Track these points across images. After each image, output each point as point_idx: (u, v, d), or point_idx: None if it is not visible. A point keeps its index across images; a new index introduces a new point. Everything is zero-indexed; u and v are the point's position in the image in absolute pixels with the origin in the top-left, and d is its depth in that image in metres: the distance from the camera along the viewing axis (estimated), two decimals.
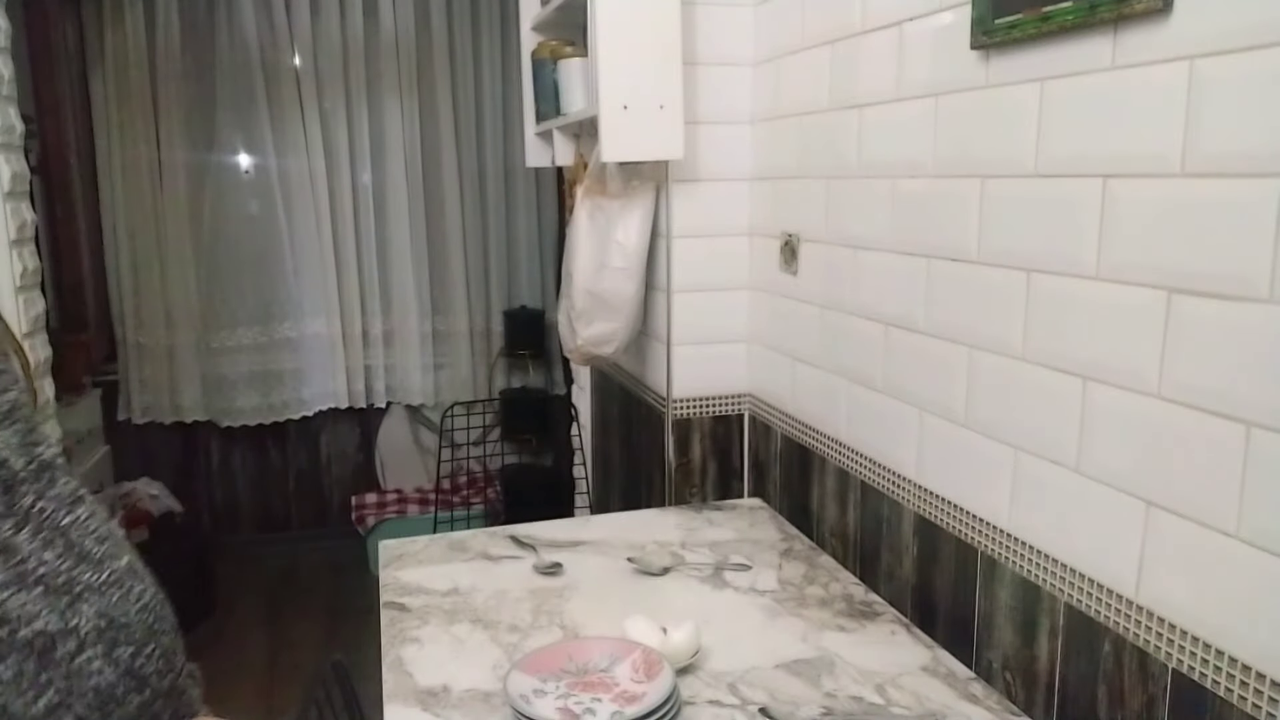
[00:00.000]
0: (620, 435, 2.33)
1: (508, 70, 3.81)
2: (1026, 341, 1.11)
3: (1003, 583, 1.18)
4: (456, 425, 3.52)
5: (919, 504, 1.36)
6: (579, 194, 1.88)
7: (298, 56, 3.63)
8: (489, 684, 1.17)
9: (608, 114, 1.65)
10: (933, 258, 1.29)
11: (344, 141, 3.71)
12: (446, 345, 3.97)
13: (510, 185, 3.95)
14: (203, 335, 3.72)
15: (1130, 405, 0.96)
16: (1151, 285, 0.93)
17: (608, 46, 1.63)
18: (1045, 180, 1.07)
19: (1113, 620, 1.01)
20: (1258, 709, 0.84)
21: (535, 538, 1.64)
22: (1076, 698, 1.07)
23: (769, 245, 1.77)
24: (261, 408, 3.81)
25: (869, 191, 1.44)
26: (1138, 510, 0.96)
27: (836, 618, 1.35)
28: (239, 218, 3.68)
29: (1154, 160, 0.92)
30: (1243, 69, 0.83)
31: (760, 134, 1.79)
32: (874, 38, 1.39)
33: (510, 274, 4.04)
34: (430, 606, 1.39)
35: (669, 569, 1.51)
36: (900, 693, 1.15)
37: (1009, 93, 1.12)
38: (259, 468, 3.96)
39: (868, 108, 1.42)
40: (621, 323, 1.88)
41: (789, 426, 1.75)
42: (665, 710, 1.05)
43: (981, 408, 1.21)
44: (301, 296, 3.77)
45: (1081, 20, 0.98)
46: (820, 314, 1.61)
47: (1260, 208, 0.81)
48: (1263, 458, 0.83)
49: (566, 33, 2.07)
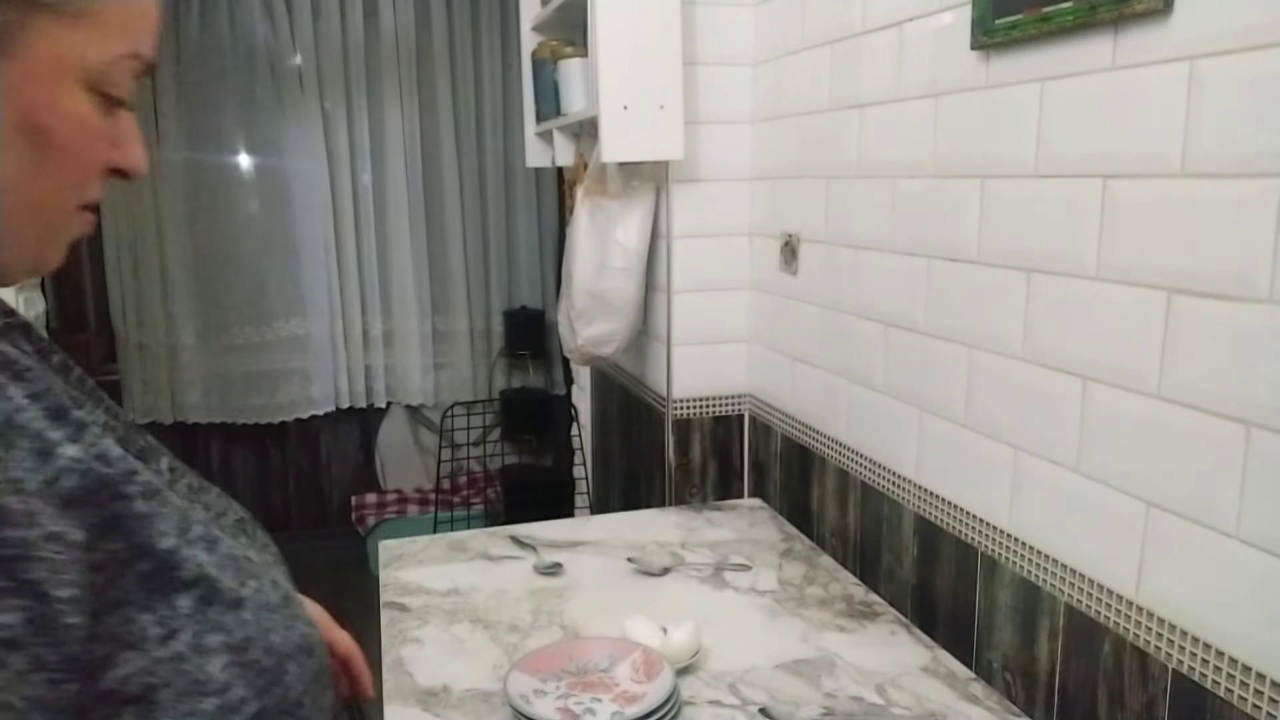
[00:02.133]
0: (620, 435, 2.33)
1: (508, 70, 3.81)
2: (1026, 341, 1.11)
3: (1003, 583, 1.18)
4: (456, 425, 3.52)
5: (919, 504, 1.36)
6: (579, 194, 1.88)
7: (298, 56, 3.63)
8: (489, 684, 1.17)
9: (608, 114, 1.65)
10: (933, 258, 1.29)
11: (344, 141, 3.71)
12: (446, 345, 3.97)
13: (510, 185, 3.95)
14: (203, 335, 3.72)
15: (1130, 405, 0.96)
16: (1151, 285, 0.93)
17: (608, 46, 1.63)
18: (1045, 180, 1.07)
19: (1113, 620, 1.01)
20: (1258, 709, 0.84)
21: (535, 538, 1.64)
22: (1076, 698, 1.07)
23: (769, 245, 1.77)
24: (262, 408, 3.81)
25: (869, 191, 1.44)
26: (1138, 510, 0.96)
27: (836, 618, 1.35)
28: (239, 218, 3.68)
29: (1154, 160, 0.92)
30: (1243, 69, 0.83)
31: (760, 134, 1.79)
32: (874, 38, 1.39)
33: (510, 274, 4.04)
34: (430, 606, 1.39)
35: (669, 569, 1.51)
36: (900, 693, 1.15)
37: (1009, 93, 1.12)
38: (259, 468, 3.96)
39: (868, 108, 1.42)
40: (621, 323, 1.88)
41: (789, 426, 1.75)
42: (665, 710, 1.05)
43: (981, 408, 1.21)
44: (302, 297, 3.77)
45: (1081, 20, 0.98)
46: (820, 314, 1.61)
47: (1260, 208, 0.81)
48: (1263, 458, 0.83)
49: (566, 33, 2.07)
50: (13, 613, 0.42)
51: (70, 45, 0.51)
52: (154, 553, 0.49)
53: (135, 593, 0.48)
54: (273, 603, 0.56)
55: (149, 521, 0.49)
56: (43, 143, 0.52)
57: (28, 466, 0.45)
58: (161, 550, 0.50)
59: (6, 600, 0.42)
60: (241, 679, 0.51)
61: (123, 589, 0.47)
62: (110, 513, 0.48)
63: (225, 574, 0.53)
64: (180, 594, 0.50)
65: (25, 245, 0.55)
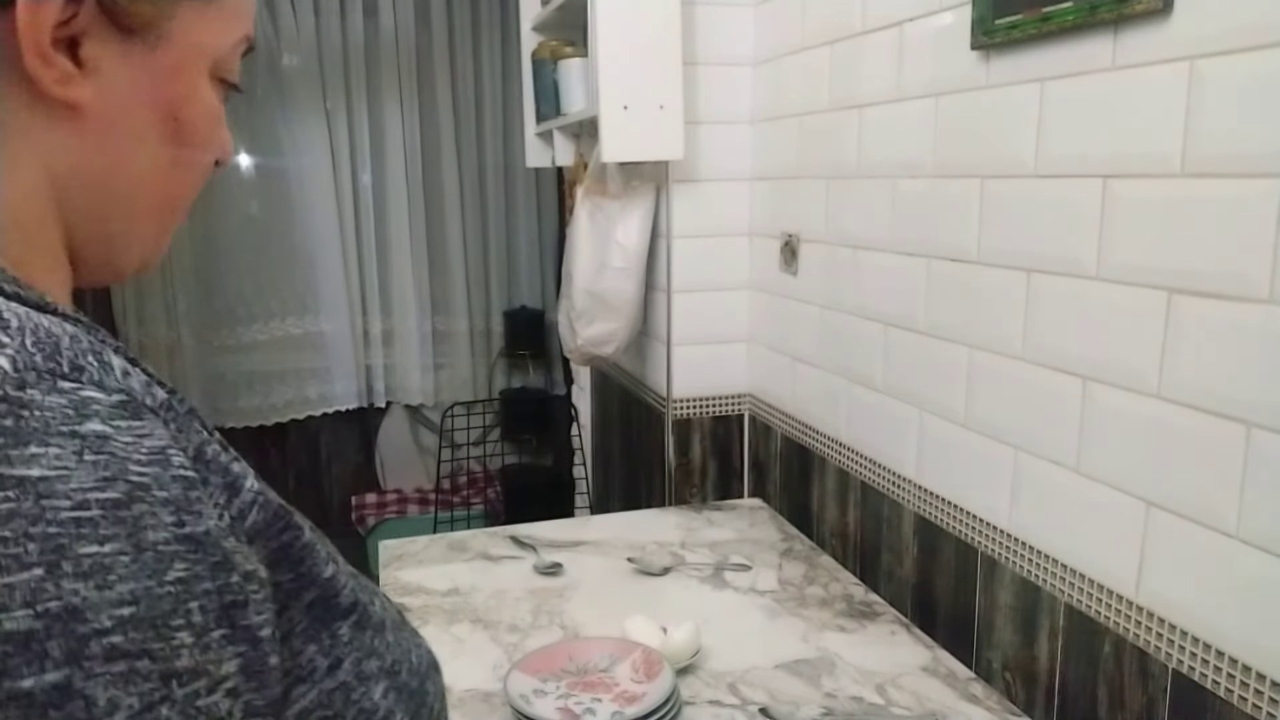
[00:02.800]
0: (620, 435, 2.33)
1: (508, 70, 3.81)
2: (1026, 342, 1.11)
3: (1003, 583, 1.18)
4: (456, 425, 3.52)
5: (919, 504, 1.36)
6: (579, 194, 1.88)
7: (298, 56, 3.63)
8: (489, 684, 1.17)
9: (608, 114, 1.65)
10: (933, 258, 1.29)
11: (344, 141, 3.71)
12: (446, 345, 3.97)
13: (510, 185, 3.95)
14: (203, 335, 3.72)
15: (1130, 405, 0.96)
16: (1151, 285, 0.93)
17: (608, 46, 1.63)
18: (1045, 180, 1.07)
19: (1113, 620, 1.01)
20: (1258, 709, 0.84)
21: (535, 538, 1.64)
22: (1076, 698, 1.07)
23: (769, 245, 1.77)
24: (262, 408, 3.81)
25: (869, 191, 1.44)
26: (1138, 510, 0.96)
27: (836, 618, 1.35)
28: (239, 217, 3.68)
29: (1154, 160, 0.92)
30: (1243, 69, 0.83)
31: (760, 134, 1.79)
32: (874, 38, 1.39)
33: (510, 274, 4.04)
34: (430, 606, 1.39)
35: (669, 569, 1.51)
36: (900, 693, 1.15)
37: (1009, 93, 1.12)
38: (259, 468, 3.82)
39: (868, 108, 1.42)
40: (621, 323, 1.88)
41: (789, 426, 1.75)
42: (665, 710, 1.05)
43: (981, 408, 1.21)
44: (302, 297, 3.77)
45: (1081, 20, 0.98)
46: (820, 314, 1.61)
47: (1260, 208, 0.81)
48: (1263, 458, 0.83)
49: (566, 33, 2.07)
50: (232, 660, 0.39)
51: (207, 33, 0.50)
52: (318, 581, 0.47)
53: (302, 623, 0.46)
54: (398, 620, 0.54)
55: (313, 550, 0.47)
56: (182, 138, 0.50)
57: (221, 502, 0.42)
58: (324, 578, 0.48)
59: (227, 649, 0.39)
60: (400, 704, 0.50)
61: (290, 620, 0.45)
62: (281, 543, 0.46)
63: (364, 594, 0.51)
64: (340, 621, 0.48)
65: (147, 244, 0.52)
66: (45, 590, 0.34)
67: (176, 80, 0.49)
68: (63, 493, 0.36)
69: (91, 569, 0.35)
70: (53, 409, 0.37)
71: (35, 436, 0.36)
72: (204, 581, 0.38)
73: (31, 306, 0.42)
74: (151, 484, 0.38)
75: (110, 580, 0.35)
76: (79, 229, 0.49)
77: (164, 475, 0.39)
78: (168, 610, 0.37)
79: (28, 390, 0.37)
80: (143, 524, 0.37)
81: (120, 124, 0.47)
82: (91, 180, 0.48)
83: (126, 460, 0.38)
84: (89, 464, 0.37)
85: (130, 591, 0.36)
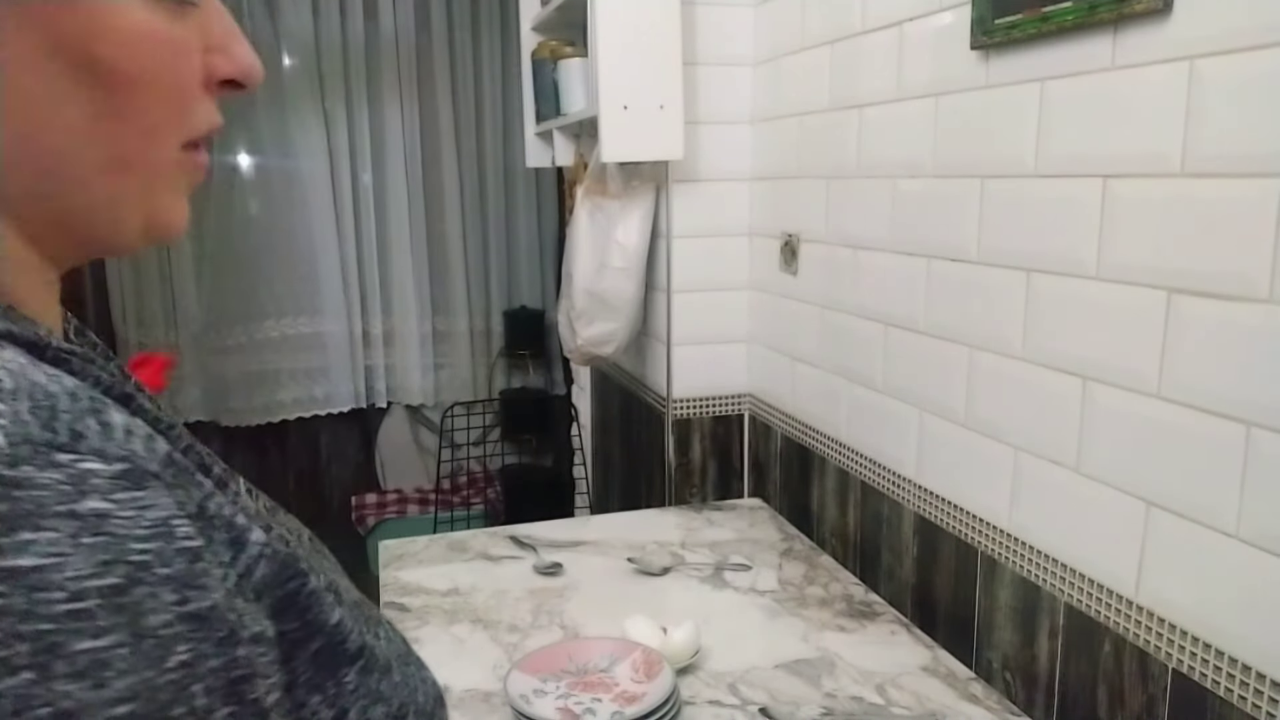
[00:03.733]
0: (620, 435, 2.33)
1: (508, 70, 3.81)
2: (1026, 341, 1.11)
3: (1003, 583, 1.18)
4: (456, 425, 3.52)
5: (919, 504, 1.36)
6: (579, 194, 1.88)
7: (298, 57, 3.63)
8: (489, 684, 1.17)
9: (608, 114, 1.65)
10: (933, 258, 1.29)
11: (344, 142, 3.71)
12: (446, 345, 3.97)
13: (510, 185, 3.95)
14: (203, 335, 3.72)
15: (1130, 405, 0.96)
16: (1151, 285, 0.93)
17: (608, 46, 1.63)
18: (1045, 180, 1.07)
19: (1113, 620, 1.01)
20: (1258, 709, 0.84)
21: (535, 538, 1.64)
22: (1076, 698, 1.07)
23: (769, 245, 1.77)
24: (262, 408, 3.81)
25: (869, 191, 1.44)
26: (1138, 510, 0.96)
27: (836, 618, 1.35)
28: (239, 217, 3.68)
29: (1154, 160, 0.92)
30: (1243, 69, 0.83)
31: (760, 134, 1.79)
32: (874, 38, 1.39)
33: (510, 274, 4.04)
34: (430, 606, 1.39)
35: (669, 569, 1.51)
36: (900, 693, 1.15)
37: (1009, 93, 1.12)
38: (259, 468, 3.95)
39: (868, 108, 1.42)
40: (621, 323, 1.88)
41: (789, 426, 1.75)
42: (665, 710, 1.05)
43: (981, 408, 1.21)
44: (302, 297, 3.77)
45: (1081, 20, 0.98)
46: (820, 314, 1.61)
47: (1260, 208, 0.81)
48: (1263, 458, 0.83)
49: (566, 33, 2.07)
50: None
51: None
52: (325, 629, 0.44)
53: (306, 673, 0.43)
54: (403, 653, 0.51)
55: (320, 597, 0.44)
56: (105, 80, 0.39)
57: (226, 560, 0.39)
58: (331, 625, 0.45)
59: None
60: None
61: (293, 670, 0.43)
62: (287, 592, 0.43)
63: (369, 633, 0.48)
64: (347, 668, 0.45)
65: (129, 210, 0.44)
66: (36, 696, 0.32)
67: (63, 16, 0.38)
68: (57, 583, 0.33)
69: (88, 667, 0.33)
70: (48, 486, 0.34)
71: (28, 521, 0.33)
72: (209, 660, 0.36)
73: (25, 345, 0.38)
74: (153, 561, 0.36)
75: (107, 677, 0.33)
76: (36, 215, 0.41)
77: (167, 550, 0.36)
78: (168, 700, 0.34)
79: (21, 467, 0.34)
80: (143, 609, 0.34)
81: (18, 85, 0.38)
82: (8, 161, 0.39)
83: (127, 539, 0.35)
84: (86, 547, 0.34)
85: (129, 687, 0.33)
